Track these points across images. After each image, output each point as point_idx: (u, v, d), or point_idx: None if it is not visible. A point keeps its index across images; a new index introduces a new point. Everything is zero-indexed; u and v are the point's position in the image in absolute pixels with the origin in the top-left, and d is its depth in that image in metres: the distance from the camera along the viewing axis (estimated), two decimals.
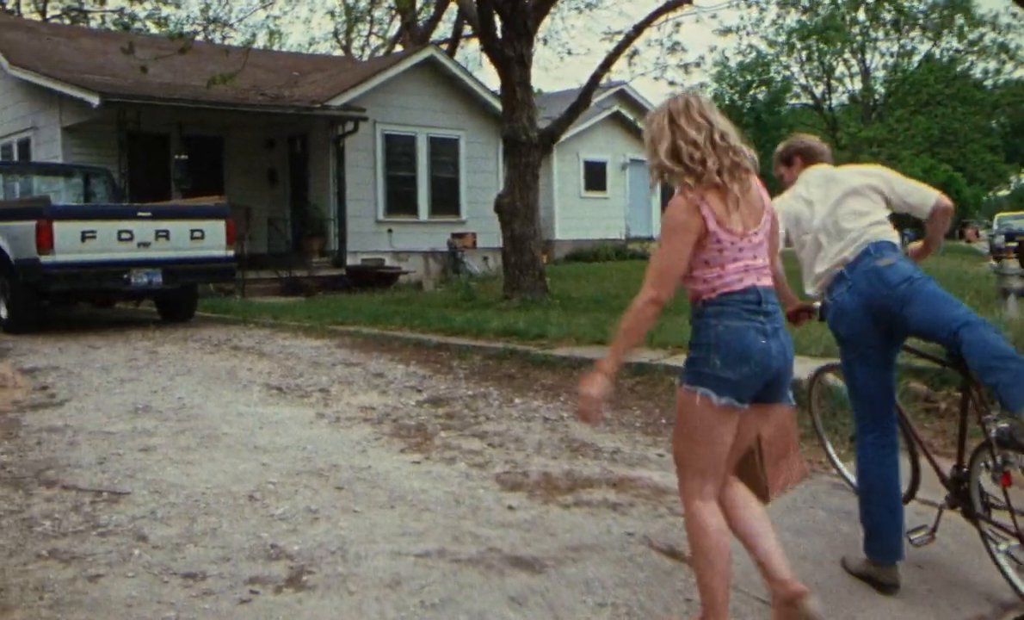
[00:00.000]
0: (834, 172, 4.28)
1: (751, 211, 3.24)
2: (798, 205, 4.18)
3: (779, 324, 3.27)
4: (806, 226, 4.14)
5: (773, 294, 3.30)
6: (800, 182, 4.29)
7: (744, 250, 3.21)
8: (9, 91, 20.17)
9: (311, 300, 16.09)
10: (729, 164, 3.15)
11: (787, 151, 4.47)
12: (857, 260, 3.97)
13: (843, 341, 4.06)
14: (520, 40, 13.44)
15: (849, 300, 3.93)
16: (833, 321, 4.05)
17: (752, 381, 3.18)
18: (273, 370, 8.42)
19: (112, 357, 9.26)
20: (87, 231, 10.62)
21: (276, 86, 20.43)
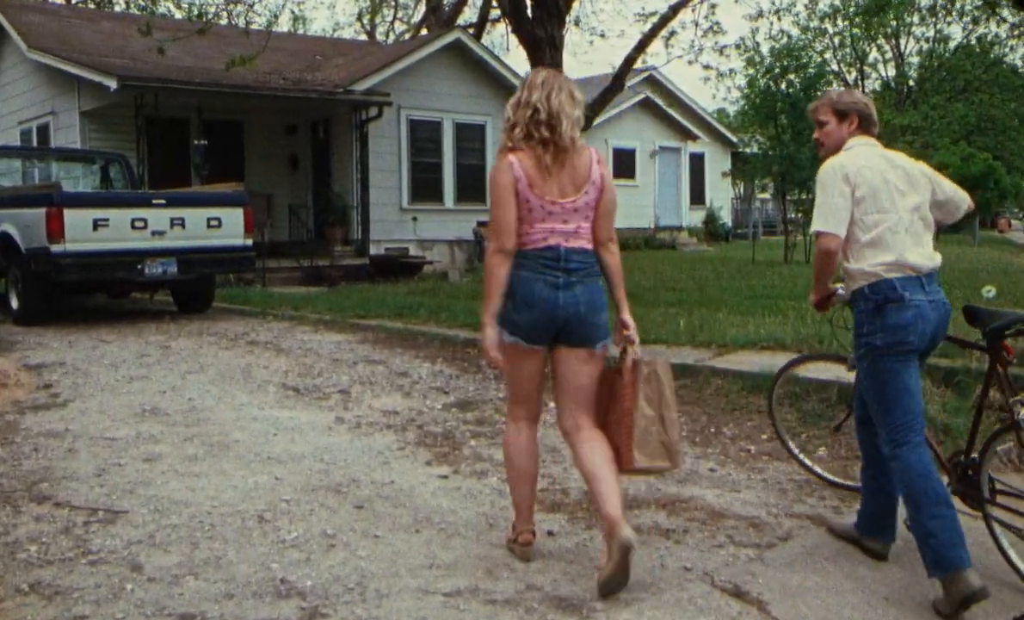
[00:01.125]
0: (901, 160, 4.00)
1: (574, 180, 3.72)
2: (877, 180, 3.84)
3: (579, 280, 3.71)
4: (882, 204, 3.81)
5: (580, 254, 3.73)
6: (869, 154, 3.92)
7: (555, 215, 3.69)
8: (28, 75, 19.79)
9: (333, 290, 15.60)
10: (539, 136, 3.65)
11: (847, 106, 4.04)
12: (930, 277, 3.84)
13: (901, 345, 3.78)
14: (551, 20, 12.84)
15: (931, 313, 3.78)
16: (908, 321, 3.75)
17: (539, 325, 3.71)
18: (290, 368, 7.92)
19: (122, 352, 8.79)
20: (99, 219, 10.16)
21: (298, 70, 19.93)
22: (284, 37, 25.19)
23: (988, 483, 3.96)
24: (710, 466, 5.42)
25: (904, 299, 3.72)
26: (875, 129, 4.05)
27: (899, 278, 3.74)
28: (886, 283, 3.74)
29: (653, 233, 28.26)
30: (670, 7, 14.02)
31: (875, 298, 3.77)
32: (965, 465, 4.07)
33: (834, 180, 3.79)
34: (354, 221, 18.77)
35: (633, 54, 13.72)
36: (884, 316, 3.75)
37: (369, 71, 18.76)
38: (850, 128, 3.98)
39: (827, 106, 4.09)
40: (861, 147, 3.92)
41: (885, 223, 3.77)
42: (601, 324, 3.81)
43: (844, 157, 3.88)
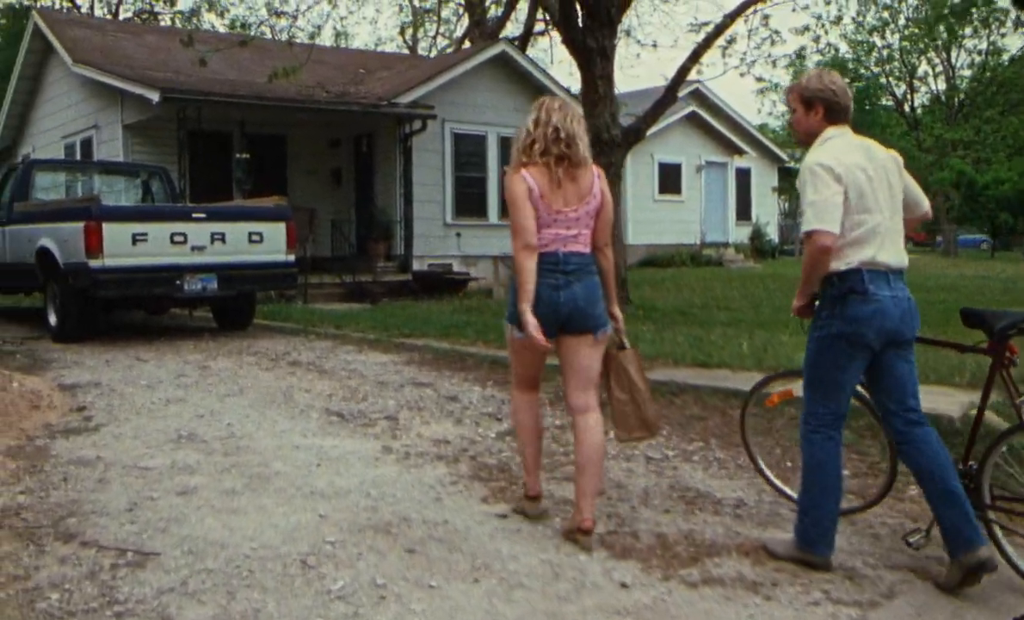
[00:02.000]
0: (876, 150, 3.96)
1: (578, 193, 4.24)
2: (862, 179, 3.81)
3: (576, 279, 4.24)
4: (868, 205, 3.80)
5: (577, 256, 4.25)
6: (848, 147, 3.87)
7: (559, 222, 4.21)
8: (73, 89, 19.76)
9: (376, 307, 15.26)
10: (559, 153, 4.19)
11: (813, 93, 3.94)
12: (898, 274, 3.89)
13: (856, 337, 3.83)
14: (602, 30, 12.46)
15: (892, 308, 3.82)
16: (866, 315, 3.81)
17: (544, 322, 4.15)
18: (334, 391, 7.52)
19: (159, 372, 8.46)
20: (138, 233, 9.86)
21: (341, 83, 19.69)
22: (327, 51, 25.03)
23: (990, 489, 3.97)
24: (793, 507, 4.93)
25: (868, 292, 3.76)
26: (846, 117, 3.93)
27: (869, 271, 3.77)
28: (855, 273, 3.77)
29: (699, 249, 27.70)
30: (726, 16, 13.55)
31: (840, 287, 3.81)
32: (964, 473, 4.03)
33: (826, 177, 3.73)
34: (397, 236, 18.44)
35: (688, 63, 13.26)
36: (845, 305, 3.80)
37: (413, 84, 18.45)
38: (816, 117, 3.90)
39: (795, 92, 3.99)
40: (837, 141, 3.85)
41: (868, 223, 3.77)
42: (599, 314, 4.38)
43: (828, 153, 3.80)
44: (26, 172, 12.12)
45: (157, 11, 42.58)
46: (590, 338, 4.38)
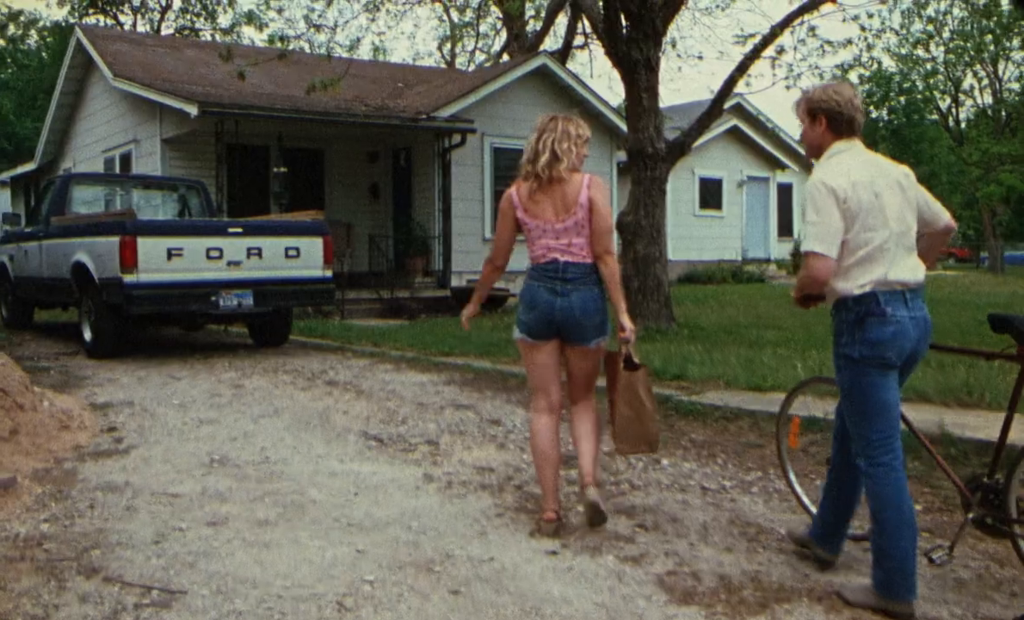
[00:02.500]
0: (888, 165, 3.87)
1: (564, 204, 4.41)
2: (868, 197, 3.68)
3: (575, 288, 4.44)
4: (873, 223, 3.68)
5: (576, 266, 4.44)
6: (855, 163, 3.76)
7: (547, 233, 4.45)
8: (113, 104, 19.77)
9: (413, 324, 15.01)
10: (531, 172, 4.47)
11: (816, 104, 3.86)
12: (917, 293, 3.76)
13: (879, 360, 3.71)
14: (647, 41, 12.12)
15: (912, 328, 3.71)
16: (887, 337, 3.68)
17: (538, 324, 4.49)
18: (372, 413, 7.24)
19: (193, 391, 8.23)
20: (173, 248, 9.67)
21: (380, 97, 19.54)
22: (365, 65, 24.92)
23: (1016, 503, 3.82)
24: (865, 546, 4.56)
25: (886, 314, 3.65)
26: (852, 128, 3.81)
27: (883, 292, 3.66)
28: (870, 296, 3.67)
29: (740, 266, 27.21)
30: (773, 26, 13.17)
31: (857, 310, 3.70)
32: (988, 487, 3.90)
33: (827, 198, 3.65)
34: (435, 251, 18.20)
35: (735, 75, 12.90)
36: (864, 329, 3.68)
37: (452, 98, 18.24)
38: (820, 129, 3.82)
39: (802, 105, 3.91)
40: (844, 155, 3.75)
41: (875, 241, 3.66)
42: (594, 325, 4.53)
43: (833, 171, 3.71)
44: (63, 186, 12.02)
45: (198, 28, 42.97)
46: (584, 348, 4.59)
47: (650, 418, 4.66)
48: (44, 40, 43.89)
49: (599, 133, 20.28)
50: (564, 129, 4.53)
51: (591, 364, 4.67)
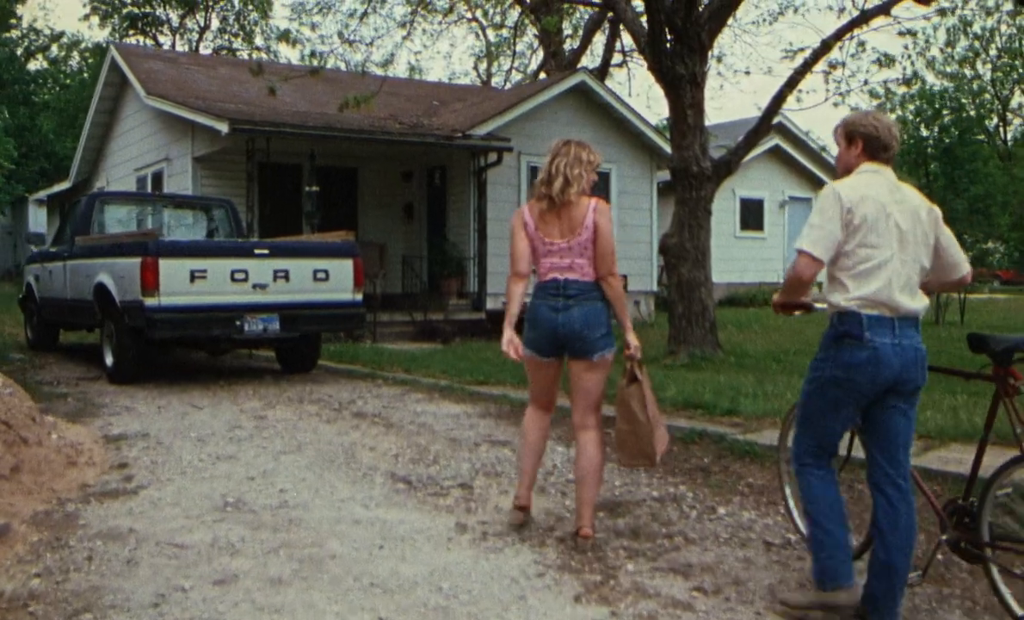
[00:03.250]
0: (909, 194, 3.86)
1: (571, 225, 4.66)
2: (877, 212, 3.68)
3: (577, 303, 4.67)
4: (876, 239, 3.67)
5: (577, 284, 4.68)
6: (874, 182, 3.76)
7: (553, 252, 4.71)
8: (146, 122, 19.54)
9: (447, 348, 14.52)
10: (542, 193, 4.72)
11: (852, 129, 3.90)
12: (906, 321, 3.71)
13: (848, 383, 3.71)
14: (692, 56, 11.61)
15: (892, 357, 3.65)
16: (859, 362, 3.66)
17: (543, 340, 4.78)
18: (401, 450, 6.72)
19: (213, 422, 7.76)
20: (197, 270, 9.24)
21: (415, 115, 19.14)
22: (400, 82, 24.57)
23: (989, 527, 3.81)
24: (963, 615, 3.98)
25: (863, 339, 3.62)
26: (886, 155, 3.85)
27: (869, 315, 3.64)
28: (854, 317, 3.65)
29: None
30: (824, 40, 12.60)
31: (838, 328, 3.71)
32: (963, 510, 3.95)
33: (833, 205, 3.67)
34: (470, 273, 17.71)
35: (784, 90, 12.34)
36: (840, 350, 3.69)
37: (488, 115, 17.78)
38: (855, 152, 3.84)
39: (840, 128, 3.96)
40: (867, 175, 3.78)
41: (875, 258, 3.65)
42: (596, 338, 4.69)
43: (848, 183, 3.76)
44: (88, 206, 11.66)
45: (235, 47, 43.06)
46: (588, 362, 4.74)
47: (647, 433, 4.80)
48: (86, 61, 44.15)
49: (639, 152, 19.75)
50: (576, 154, 4.75)
51: (596, 378, 4.82)
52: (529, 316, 4.81)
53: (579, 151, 4.76)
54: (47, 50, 44.93)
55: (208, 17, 43.38)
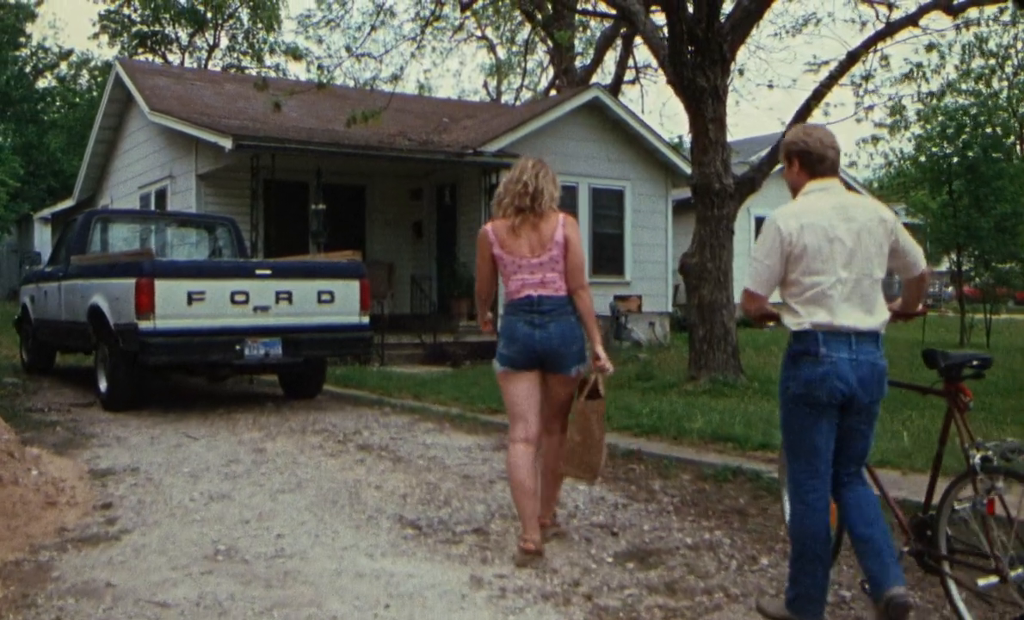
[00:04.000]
0: (857, 209, 3.80)
1: (540, 240, 4.72)
2: (819, 240, 3.72)
3: (553, 319, 4.72)
4: (819, 266, 3.72)
5: (551, 299, 4.73)
6: (817, 205, 3.78)
7: (523, 268, 4.75)
8: (150, 139, 19.14)
9: (457, 371, 14.01)
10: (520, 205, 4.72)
11: (787, 148, 3.97)
12: (863, 336, 3.74)
13: (809, 398, 3.76)
14: (714, 68, 11.12)
15: (847, 371, 3.70)
16: (817, 377, 3.72)
17: (521, 356, 4.75)
18: (410, 489, 6.18)
19: (208, 455, 7.25)
20: (194, 292, 8.75)
21: (424, 132, 18.70)
22: (409, 99, 24.16)
23: (947, 540, 3.92)
24: None
25: (819, 355, 3.68)
26: (823, 167, 3.82)
27: (825, 333, 3.69)
28: (810, 335, 3.72)
29: None
30: (850, 53, 12.11)
31: (796, 346, 3.77)
32: (923, 522, 4.04)
33: (773, 240, 3.75)
34: None
35: (811, 103, 11.83)
36: (799, 367, 3.75)
37: (500, 132, 17.32)
38: (795, 171, 3.88)
39: (781, 149, 3.99)
40: (813, 195, 3.79)
41: (820, 285, 3.69)
42: (573, 353, 4.74)
43: (791, 211, 3.78)
44: (84, 224, 11.19)
45: (244, 66, 42.78)
46: (564, 376, 4.82)
47: (597, 448, 4.86)
48: (95, 80, 43.92)
49: (654, 169, 19.27)
50: (546, 170, 4.87)
51: (570, 391, 4.90)
52: (505, 332, 4.81)
53: (547, 167, 4.91)
54: (56, 68, 44.72)
55: (217, 35, 43.15)
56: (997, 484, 3.66)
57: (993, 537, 3.66)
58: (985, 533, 3.69)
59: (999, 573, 3.60)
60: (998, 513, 3.65)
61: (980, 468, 3.69)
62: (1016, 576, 3.59)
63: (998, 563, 3.60)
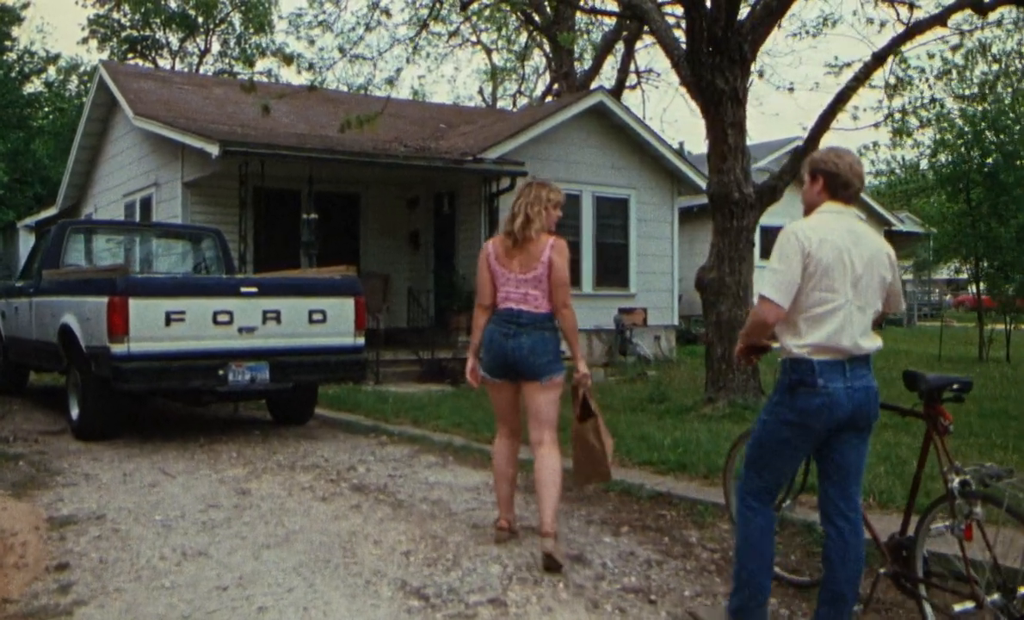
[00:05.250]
0: (869, 237, 3.85)
1: (528, 260, 5.10)
2: (833, 258, 3.73)
3: (527, 332, 5.08)
4: (832, 284, 3.72)
5: (529, 314, 5.09)
6: (834, 225, 3.78)
7: (510, 282, 5.14)
8: (135, 145, 18.36)
9: (457, 390, 13.25)
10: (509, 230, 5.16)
11: (814, 166, 3.94)
12: (857, 361, 3.77)
13: (803, 426, 3.78)
14: (734, 68, 10.39)
15: (845, 400, 3.73)
16: (815, 408, 3.72)
17: (496, 363, 5.17)
18: (414, 544, 5.40)
19: (184, 498, 6.46)
20: (173, 311, 7.97)
21: (421, 138, 17.94)
22: (405, 104, 23.40)
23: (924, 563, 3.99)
24: None
25: (816, 386, 3.69)
26: (847, 193, 3.84)
27: (820, 361, 3.70)
28: (806, 364, 3.71)
29: None
30: (875, 54, 11.38)
31: (791, 376, 3.76)
32: (900, 543, 4.09)
33: (794, 250, 3.71)
34: None
35: (835, 104, 11.09)
36: (795, 397, 3.75)
37: (500, 138, 16.56)
38: (817, 189, 3.88)
39: (807, 163, 4.00)
40: (828, 215, 3.81)
41: (830, 303, 3.70)
42: (544, 363, 5.11)
43: (808, 225, 3.78)
44: (58, 235, 10.38)
45: (236, 71, 41.98)
46: (538, 384, 5.11)
47: (600, 458, 5.30)
48: (84, 85, 43.07)
49: (659, 177, 18.55)
50: (536, 194, 5.16)
51: (546, 398, 5.15)
52: (485, 341, 5.20)
53: (539, 191, 5.17)
54: (43, 72, 43.85)
55: (208, 40, 42.37)
56: (975, 509, 3.72)
57: (970, 561, 3.71)
58: (962, 557, 3.73)
59: (975, 598, 3.67)
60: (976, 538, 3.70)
61: (958, 492, 3.74)
62: (992, 602, 3.65)
63: (974, 588, 3.66)
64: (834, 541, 3.89)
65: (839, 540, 3.88)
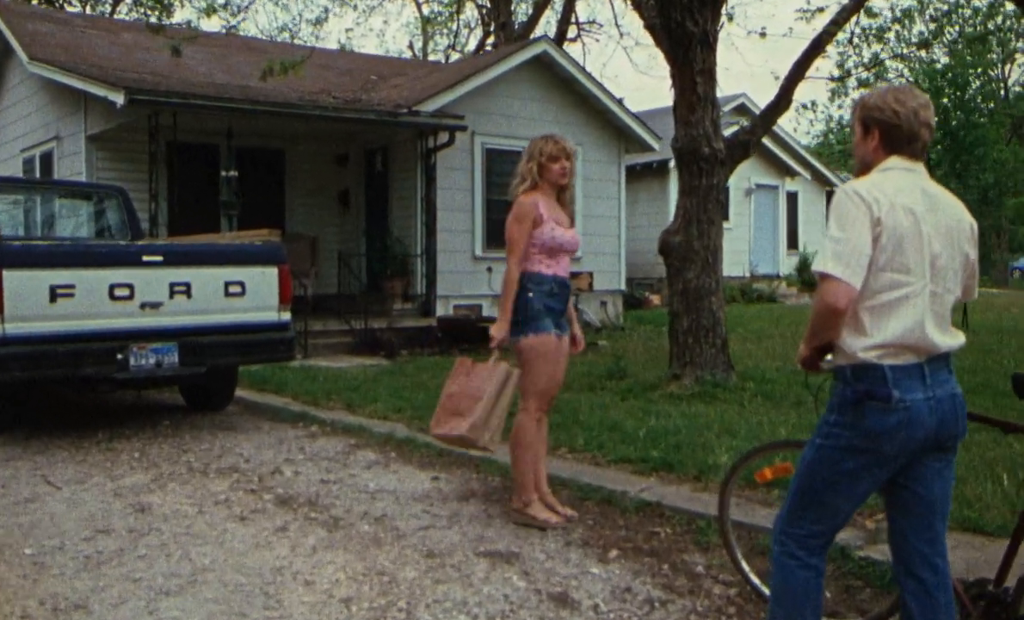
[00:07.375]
0: (947, 201, 2.98)
1: None
2: (908, 227, 2.82)
3: None
4: (906, 263, 2.82)
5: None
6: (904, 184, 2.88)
7: None
8: (33, 94, 16.68)
9: (394, 363, 12.15)
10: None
11: (866, 113, 2.98)
12: (939, 362, 2.87)
13: (872, 452, 2.85)
14: (704, 11, 9.36)
15: (927, 414, 2.82)
16: (889, 428, 2.80)
17: None
18: (355, 585, 4.27)
19: (67, 519, 5.23)
20: (60, 286, 6.68)
21: (351, 90, 16.61)
22: (333, 54, 21.90)
23: None
24: None
25: (891, 398, 2.79)
26: (912, 147, 2.92)
27: (893, 365, 2.80)
28: (875, 371, 2.80)
29: (749, 283, 24.56)
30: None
31: (856, 388, 2.83)
32: (994, 597, 3.19)
33: (861, 212, 2.77)
34: (417, 272, 15.25)
35: (810, 52, 10.15)
36: (861, 415, 2.83)
37: (437, 89, 15.32)
38: (872, 145, 2.97)
39: (856, 110, 3.06)
40: (896, 173, 2.90)
41: (903, 288, 2.80)
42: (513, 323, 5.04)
43: (873, 183, 2.86)
44: None
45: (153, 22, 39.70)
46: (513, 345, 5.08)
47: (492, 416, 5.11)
48: None
49: (606, 133, 17.51)
50: (531, 149, 5.28)
51: (520, 365, 5.08)
52: None
53: (531, 146, 5.23)
54: None
55: None
56: None
57: None
58: None
59: None
60: None
61: None
62: None
63: None
64: (917, 598, 3.01)
65: (924, 598, 3.00)
